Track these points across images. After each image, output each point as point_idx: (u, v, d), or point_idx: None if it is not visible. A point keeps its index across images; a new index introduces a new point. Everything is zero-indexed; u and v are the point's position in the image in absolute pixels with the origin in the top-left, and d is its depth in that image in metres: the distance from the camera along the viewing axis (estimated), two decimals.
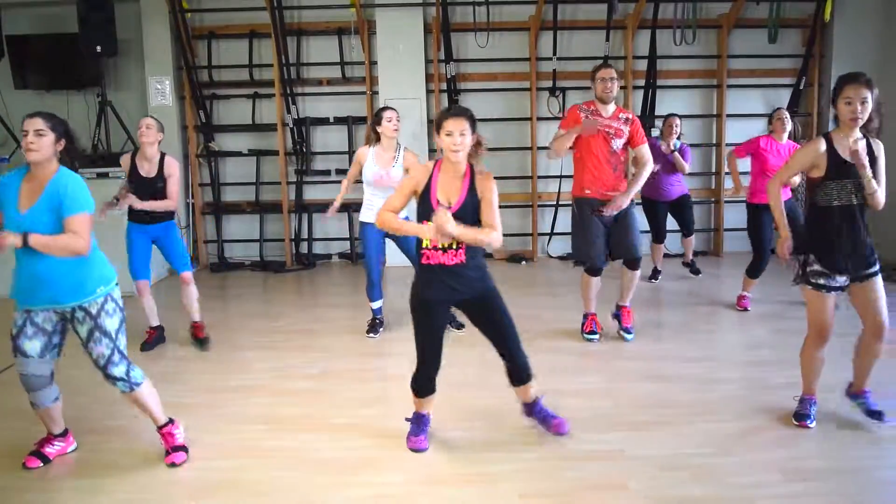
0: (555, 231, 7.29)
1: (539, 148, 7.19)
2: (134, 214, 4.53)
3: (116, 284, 3.04)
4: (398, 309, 5.31)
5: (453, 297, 3.02)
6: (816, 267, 3.17)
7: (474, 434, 3.30)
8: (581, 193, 4.47)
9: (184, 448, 3.14)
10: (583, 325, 4.71)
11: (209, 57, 7.13)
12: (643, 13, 6.95)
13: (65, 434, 3.21)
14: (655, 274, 6.33)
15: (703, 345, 4.60)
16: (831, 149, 3.09)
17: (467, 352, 4.49)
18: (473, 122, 2.93)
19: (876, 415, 3.28)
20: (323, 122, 7.21)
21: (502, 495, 2.82)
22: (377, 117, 4.66)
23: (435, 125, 2.96)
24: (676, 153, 5.92)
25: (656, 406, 3.60)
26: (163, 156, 4.51)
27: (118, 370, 2.96)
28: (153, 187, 4.44)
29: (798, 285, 3.28)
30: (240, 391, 3.94)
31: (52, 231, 2.80)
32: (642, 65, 7.14)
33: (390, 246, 4.99)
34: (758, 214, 5.19)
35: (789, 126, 5.14)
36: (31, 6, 6.93)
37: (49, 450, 3.15)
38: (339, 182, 4.99)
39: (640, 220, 5.73)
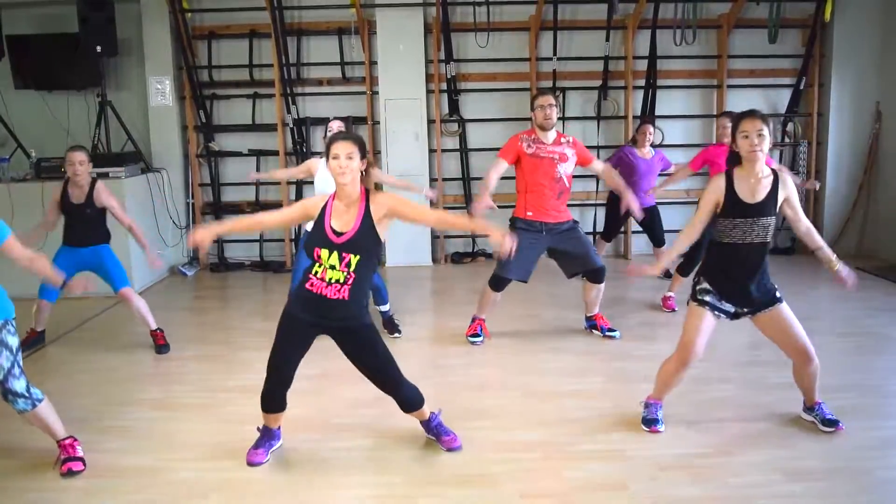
0: None
1: None
2: (68, 236, 4.52)
3: (13, 319, 2.97)
4: (395, 310, 5.32)
5: (321, 323, 2.94)
6: (705, 285, 3.17)
7: (475, 434, 3.29)
8: (523, 215, 4.46)
9: (82, 460, 3.05)
10: (469, 327, 4.70)
11: (209, 57, 7.13)
12: (643, 13, 6.95)
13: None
14: None
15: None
16: (730, 187, 3.08)
17: (468, 353, 4.50)
18: (362, 146, 2.88)
19: (831, 423, 3.27)
20: (323, 122, 7.17)
21: (503, 495, 2.82)
22: (326, 127, 4.70)
23: (325, 150, 2.91)
24: (671, 169, 5.95)
25: None
26: (93, 182, 4.51)
27: (19, 385, 2.87)
28: (83, 213, 4.45)
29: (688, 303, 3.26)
30: (240, 391, 3.94)
31: None
32: (642, 65, 7.14)
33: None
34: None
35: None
36: (31, 6, 6.92)
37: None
38: None
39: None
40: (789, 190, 3.10)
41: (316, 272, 2.88)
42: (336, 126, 4.62)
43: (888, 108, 6.97)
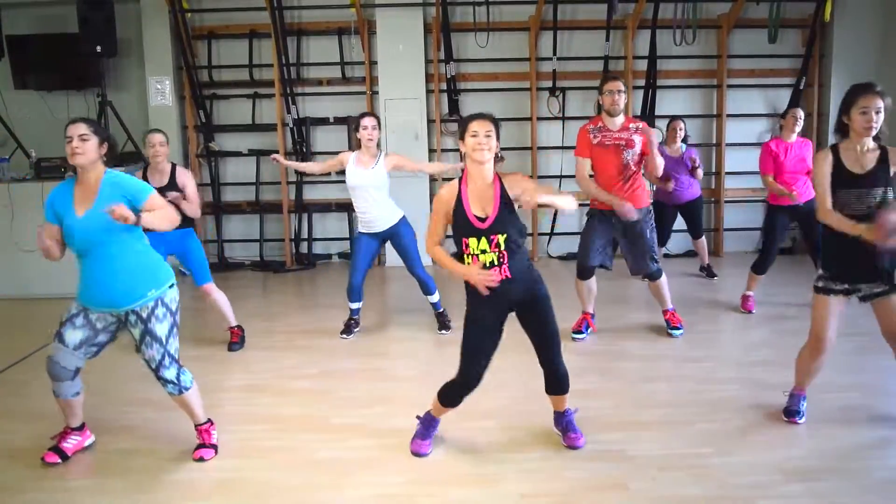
0: (555, 231, 7.30)
1: (539, 148, 7.20)
2: None
3: (171, 286, 3.06)
4: (398, 308, 5.32)
5: (504, 310, 2.98)
6: (820, 272, 3.19)
7: (476, 434, 3.30)
8: (592, 203, 4.51)
9: (214, 447, 3.18)
10: (575, 322, 4.76)
11: (209, 57, 7.13)
12: (643, 13, 6.94)
13: (81, 428, 3.23)
14: None
15: (704, 345, 4.61)
16: (837, 161, 3.09)
17: None
18: (498, 126, 2.91)
19: None
20: (323, 122, 7.20)
21: (503, 495, 2.82)
22: (356, 123, 4.68)
23: (459, 133, 2.94)
24: (699, 170, 5.95)
25: (656, 406, 3.61)
26: (174, 166, 4.53)
27: (169, 373, 3.01)
28: (165, 197, 4.42)
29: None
30: (240, 391, 3.95)
31: (109, 231, 2.88)
32: (642, 65, 7.13)
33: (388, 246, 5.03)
34: (773, 214, 5.18)
35: (800, 125, 5.10)
36: (31, 6, 6.92)
37: (66, 444, 3.16)
38: (340, 182, 4.99)
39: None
40: None
41: (468, 264, 2.89)
42: (371, 123, 4.60)
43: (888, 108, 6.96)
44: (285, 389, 3.96)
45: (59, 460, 3.11)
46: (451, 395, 3.08)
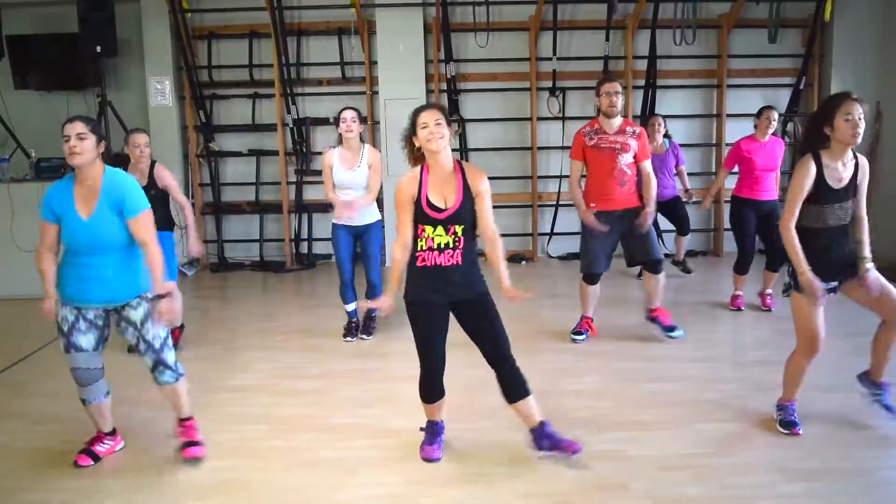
0: (555, 231, 7.29)
1: (539, 148, 7.20)
2: None
3: None
4: (398, 308, 5.30)
5: (450, 297, 2.94)
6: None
7: (476, 434, 3.30)
8: (588, 206, 4.49)
9: (201, 444, 3.15)
10: (577, 325, 4.73)
11: (209, 57, 7.13)
12: (643, 13, 6.95)
13: (113, 433, 3.21)
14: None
15: (703, 345, 4.60)
16: (820, 173, 3.00)
17: (470, 353, 4.49)
18: (446, 113, 2.90)
19: (890, 410, 3.25)
20: (323, 122, 7.20)
21: (503, 495, 2.82)
22: (336, 118, 4.68)
23: (409, 126, 2.89)
24: (683, 168, 6.05)
25: (656, 406, 3.61)
26: (153, 163, 4.48)
27: (171, 356, 3.00)
28: (147, 196, 4.38)
29: (788, 296, 3.22)
30: (240, 391, 3.95)
31: (117, 229, 2.89)
32: (642, 65, 7.14)
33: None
34: (741, 208, 5.18)
35: (774, 126, 5.11)
36: (31, 6, 6.92)
37: (99, 448, 3.15)
38: None
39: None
40: (865, 177, 3.05)
41: (421, 247, 2.89)
42: (350, 115, 4.60)
43: (888, 108, 6.96)
44: (285, 389, 3.96)
45: (92, 462, 3.08)
46: (427, 388, 3.03)
